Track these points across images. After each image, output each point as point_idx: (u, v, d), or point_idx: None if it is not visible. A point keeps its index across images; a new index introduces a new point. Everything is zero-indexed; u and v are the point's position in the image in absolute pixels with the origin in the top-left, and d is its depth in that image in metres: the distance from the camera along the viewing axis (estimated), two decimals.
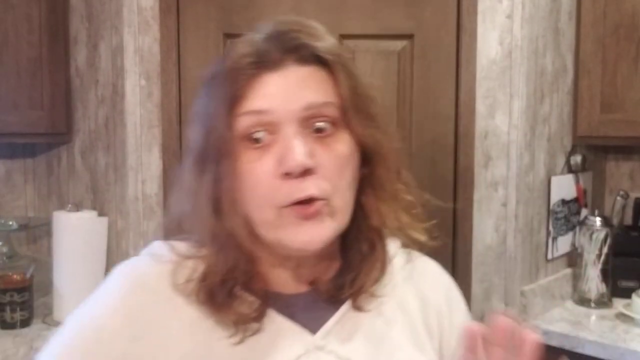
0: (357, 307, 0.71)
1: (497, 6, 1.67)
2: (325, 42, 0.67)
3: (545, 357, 0.60)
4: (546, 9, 1.77)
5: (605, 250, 1.87)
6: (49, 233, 2.01)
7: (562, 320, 1.76)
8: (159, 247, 0.72)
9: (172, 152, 1.71)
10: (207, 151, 0.65)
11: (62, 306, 1.71)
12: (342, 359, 0.68)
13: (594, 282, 1.88)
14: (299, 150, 0.61)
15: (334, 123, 0.65)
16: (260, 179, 0.63)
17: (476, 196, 1.70)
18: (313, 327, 0.69)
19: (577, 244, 1.98)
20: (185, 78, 1.70)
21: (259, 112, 0.63)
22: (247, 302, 0.66)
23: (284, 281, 0.70)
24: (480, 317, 1.71)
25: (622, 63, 1.83)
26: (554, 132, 1.86)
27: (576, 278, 1.95)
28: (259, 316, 0.66)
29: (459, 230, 1.71)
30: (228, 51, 0.69)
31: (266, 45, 0.65)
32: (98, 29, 1.80)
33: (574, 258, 2.00)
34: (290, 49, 0.65)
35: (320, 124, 0.64)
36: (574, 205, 1.98)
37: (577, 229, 1.98)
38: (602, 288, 1.88)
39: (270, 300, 0.68)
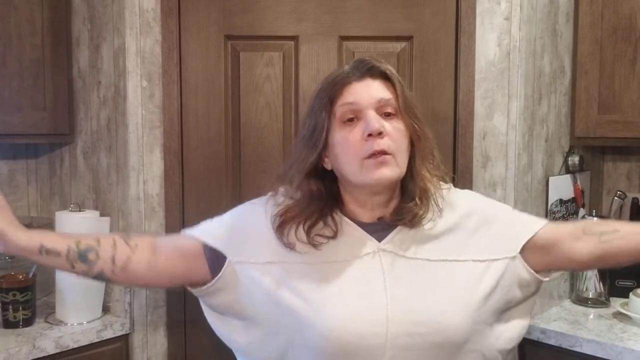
0: (405, 229, 1.08)
1: (496, 8, 1.68)
2: (387, 66, 1.08)
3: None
4: (544, 11, 1.78)
5: None
6: None
7: (560, 319, 1.77)
8: (267, 197, 1.16)
9: (173, 153, 1.73)
10: (315, 130, 1.06)
11: (64, 305, 1.73)
12: (399, 255, 1.05)
13: (591, 281, 1.89)
14: (375, 120, 1.02)
15: (394, 112, 1.05)
16: (352, 141, 1.03)
17: None
18: (379, 238, 1.07)
19: None
20: (187, 79, 1.72)
21: (350, 103, 1.04)
22: (330, 226, 1.08)
23: (362, 215, 1.10)
24: None
25: (620, 64, 1.85)
26: (551, 132, 1.88)
27: (574, 277, 1.96)
28: (335, 234, 1.07)
29: None
30: (329, 74, 1.10)
31: (351, 68, 1.08)
32: (100, 31, 1.81)
33: None
34: (367, 69, 1.06)
35: (387, 110, 1.05)
36: (571, 205, 1.99)
37: None
38: (600, 287, 1.89)
39: (356, 221, 1.09)
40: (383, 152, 1.01)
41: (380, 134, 1.01)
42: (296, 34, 1.72)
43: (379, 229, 1.09)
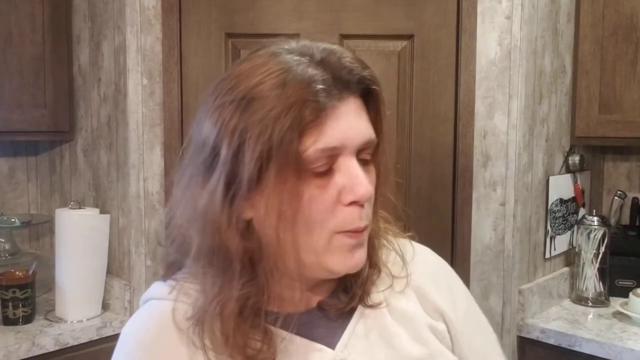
0: (366, 312, 0.73)
1: (497, 7, 1.68)
2: (372, 72, 0.66)
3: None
4: (545, 10, 1.78)
5: (602, 249, 1.88)
6: (51, 230, 2.03)
7: (559, 319, 1.77)
8: (158, 289, 0.72)
9: (173, 151, 1.73)
10: (255, 173, 0.61)
11: (64, 303, 1.73)
12: None
13: (591, 280, 1.89)
14: (366, 181, 0.64)
15: (370, 156, 0.68)
16: (325, 204, 0.63)
17: (475, 195, 1.71)
18: (330, 341, 0.70)
19: (574, 243, 1.99)
20: (187, 77, 1.72)
21: (333, 148, 0.63)
22: (257, 333, 0.66)
23: (296, 301, 0.71)
24: None
25: (621, 64, 1.84)
26: (552, 132, 1.87)
27: (574, 277, 1.96)
28: (271, 354, 0.66)
29: (457, 230, 1.72)
30: (283, 64, 0.65)
31: (330, 77, 0.62)
32: (101, 28, 1.81)
33: (571, 257, 2.02)
34: (353, 81, 0.64)
35: (367, 157, 0.67)
36: (571, 205, 1.99)
37: (575, 228, 1.99)
38: (600, 287, 1.89)
39: (286, 321, 0.68)
40: (365, 228, 0.66)
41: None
42: (297, 32, 1.71)
43: (320, 317, 0.72)
